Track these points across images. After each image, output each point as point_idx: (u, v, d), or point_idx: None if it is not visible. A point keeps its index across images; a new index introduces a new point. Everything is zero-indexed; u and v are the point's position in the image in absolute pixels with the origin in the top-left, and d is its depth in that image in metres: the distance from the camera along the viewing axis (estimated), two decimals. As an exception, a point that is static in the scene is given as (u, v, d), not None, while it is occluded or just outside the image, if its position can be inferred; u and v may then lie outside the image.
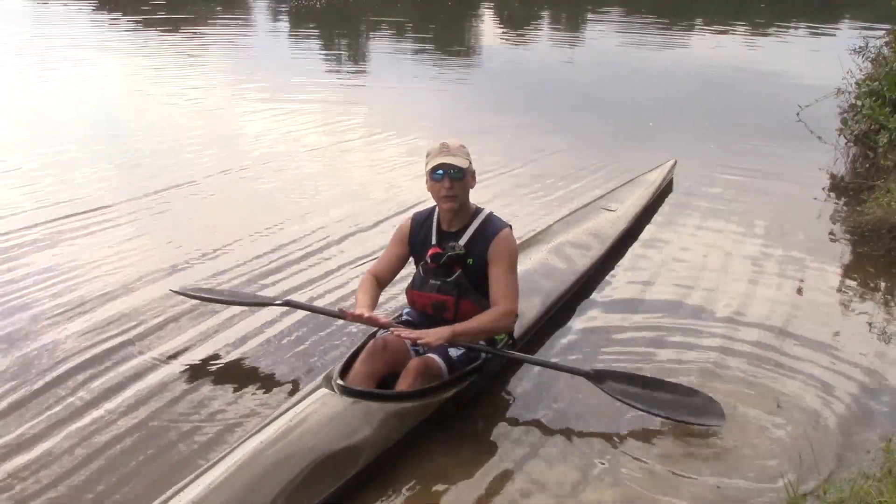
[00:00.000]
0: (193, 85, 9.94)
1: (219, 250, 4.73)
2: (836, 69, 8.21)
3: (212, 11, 18.48)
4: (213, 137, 7.48)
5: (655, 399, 3.04)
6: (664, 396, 3.06)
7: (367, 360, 2.97)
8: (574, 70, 12.38)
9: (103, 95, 9.42)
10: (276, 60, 12.29)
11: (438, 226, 3.18)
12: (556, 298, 3.86)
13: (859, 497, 2.48)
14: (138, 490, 2.69)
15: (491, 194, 5.64)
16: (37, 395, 3.21)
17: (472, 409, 3.16)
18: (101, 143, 7.16)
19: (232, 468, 2.48)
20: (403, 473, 2.79)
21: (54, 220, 5.14)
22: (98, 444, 2.92)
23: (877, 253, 4.86)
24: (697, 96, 9.92)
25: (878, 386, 3.40)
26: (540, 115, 8.61)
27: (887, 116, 6.53)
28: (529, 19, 18.87)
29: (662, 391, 3.09)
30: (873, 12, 16.57)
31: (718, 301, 4.19)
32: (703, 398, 3.09)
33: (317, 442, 2.62)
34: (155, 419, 3.08)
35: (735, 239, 5.06)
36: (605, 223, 4.72)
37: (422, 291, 3.14)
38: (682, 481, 2.79)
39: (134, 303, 4.04)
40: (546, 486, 2.77)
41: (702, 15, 18.66)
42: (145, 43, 13.46)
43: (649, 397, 3.04)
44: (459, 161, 3.01)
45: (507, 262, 3.09)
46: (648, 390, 3.07)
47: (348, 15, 18.64)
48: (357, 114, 8.56)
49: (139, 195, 5.67)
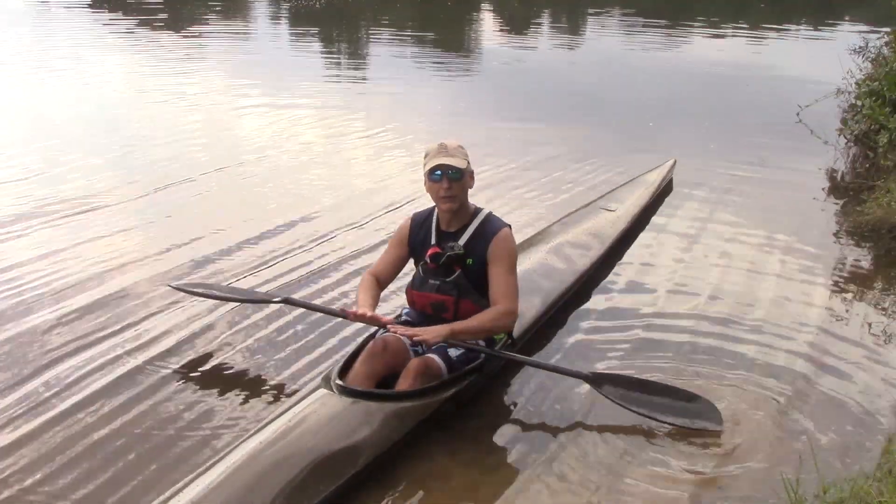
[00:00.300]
0: (192, 84, 9.93)
1: (217, 247, 4.74)
2: (836, 69, 8.22)
3: (211, 11, 18.44)
4: (211, 135, 7.48)
5: (654, 403, 3.05)
6: (663, 401, 3.07)
7: (367, 360, 2.97)
8: (574, 70, 12.37)
9: (102, 94, 9.40)
10: (275, 60, 12.27)
11: (438, 226, 3.18)
12: (555, 298, 3.86)
13: (859, 497, 2.48)
14: (136, 490, 2.68)
15: (490, 194, 5.64)
16: (32, 393, 3.21)
17: (471, 408, 3.15)
18: (99, 140, 7.15)
19: (231, 468, 2.48)
20: (403, 474, 2.79)
21: (51, 215, 5.16)
22: (94, 442, 2.92)
23: (877, 253, 4.86)
24: (697, 96, 9.90)
25: (877, 386, 3.40)
26: (539, 115, 8.59)
27: (887, 116, 6.53)
28: (529, 19, 18.85)
29: (661, 396, 3.10)
30: (873, 12, 16.59)
31: (718, 301, 4.18)
32: (702, 403, 3.10)
33: (316, 442, 2.62)
34: (151, 417, 3.08)
35: (735, 239, 5.05)
36: (604, 223, 4.71)
37: (421, 291, 3.14)
38: (682, 482, 2.78)
39: (131, 299, 4.04)
40: (545, 486, 2.76)
41: (702, 15, 18.63)
42: (145, 42, 13.42)
43: (648, 401, 3.06)
44: (457, 161, 3.01)
45: (506, 261, 3.10)
46: (647, 394, 3.08)
47: (348, 15, 18.63)
48: (355, 113, 8.54)
49: (137, 193, 5.67)
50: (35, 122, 7.96)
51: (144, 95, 9.23)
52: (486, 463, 2.89)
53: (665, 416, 3.03)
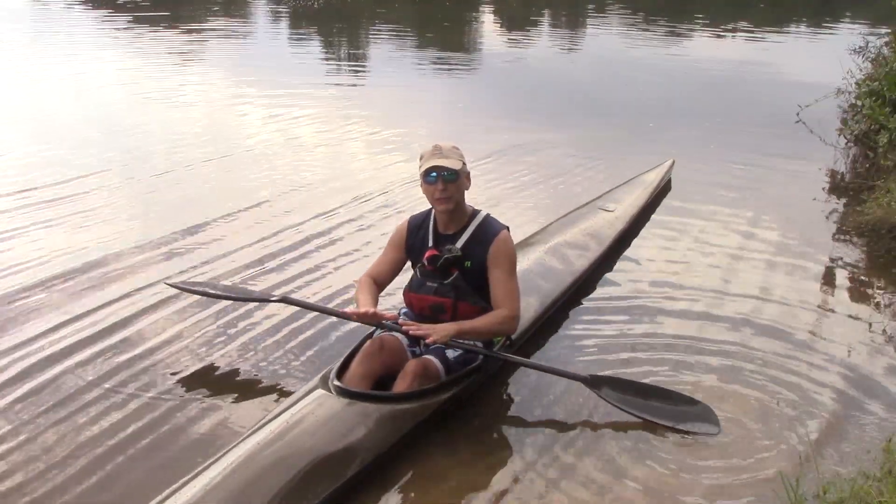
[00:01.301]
0: (190, 83, 9.96)
1: (215, 243, 4.77)
2: (836, 69, 8.21)
3: (210, 11, 18.44)
4: (209, 134, 7.48)
5: (651, 406, 3.05)
6: (660, 404, 3.07)
7: (364, 360, 2.96)
8: (573, 70, 12.36)
9: (100, 94, 9.40)
10: (274, 60, 12.26)
11: (435, 228, 3.17)
12: (553, 300, 3.85)
13: (859, 497, 2.47)
14: (132, 490, 2.67)
15: (489, 195, 5.63)
16: (26, 394, 3.19)
17: (470, 409, 3.14)
18: (97, 138, 7.14)
19: (228, 469, 2.47)
20: (402, 474, 2.78)
21: (46, 213, 5.18)
22: (90, 442, 2.91)
23: (877, 253, 4.84)
24: (697, 96, 9.90)
25: (878, 386, 3.39)
26: (537, 116, 8.58)
27: (887, 116, 6.52)
28: (528, 20, 18.85)
29: (659, 399, 3.10)
30: (873, 12, 16.58)
31: (717, 302, 4.17)
32: (700, 407, 3.09)
33: (313, 443, 2.61)
34: (147, 417, 3.06)
35: (734, 240, 5.04)
36: (602, 223, 4.70)
37: (419, 294, 3.13)
38: (682, 482, 2.77)
39: (126, 296, 4.04)
40: (543, 487, 2.75)
41: (702, 15, 18.63)
42: (144, 42, 13.42)
43: (645, 405, 3.06)
44: (452, 163, 3.01)
45: (507, 265, 3.10)
46: (644, 398, 3.09)
47: (346, 15, 18.64)
48: (354, 113, 8.50)
49: (135, 191, 5.69)
50: (32, 122, 7.95)
51: (143, 95, 9.21)
52: (485, 464, 2.88)
53: (662, 420, 3.03)
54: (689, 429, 3.01)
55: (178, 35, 14.25)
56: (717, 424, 3.03)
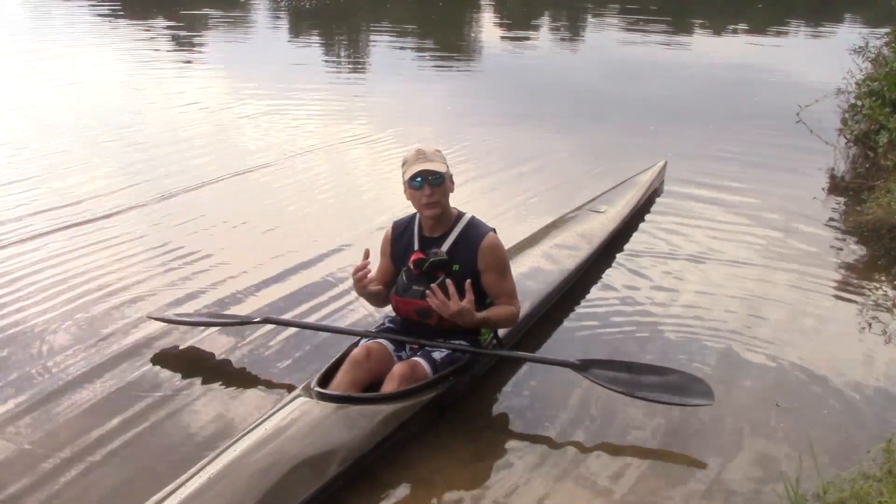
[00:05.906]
0: (190, 83, 9.99)
1: (210, 255, 4.64)
2: (836, 69, 8.19)
3: (209, 11, 18.49)
4: (207, 137, 7.44)
5: (643, 384, 3.01)
6: (651, 380, 3.03)
7: (350, 369, 2.93)
8: (572, 70, 12.34)
9: (100, 93, 9.40)
10: (273, 59, 12.28)
11: (420, 231, 3.14)
12: (543, 300, 3.81)
13: (859, 497, 2.46)
14: (115, 500, 2.63)
15: (482, 195, 5.61)
16: (21, 404, 3.14)
17: (461, 408, 3.11)
18: (92, 142, 7.08)
19: (212, 477, 2.43)
20: (392, 475, 2.75)
21: (48, 223, 5.08)
22: (75, 454, 2.85)
23: (877, 253, 4.80)
24: (696, 96, 9.89)
25: (878, 386, 3.35)
26: (535, 117, 8.55)
27: (887, 116, 6.47)
28: (528, 20, 18.88)
29: (647, 374, 3.07)
30: (873, 12, 16.57)
31: (714, 302, 4.12)
32: (689, 377, 3.06)
33: (296, 448, 2.57)
34: (131, 430, 2.99)
35: (732, 239, 4.99)
36: (594, 225, 4.66)
37: (405, 297, 3.08)
38: (681, 482, 2.73)
39: (119, 307, 3.97)
40: (539, 481, 2.73)
41: (701, 16, 18.67)
42: (143, 42, 13.44)
43: (637, 382, 3.01)
44: (437, 166, 2.98)
45: (500, 267, 3.09)
46: (633, 374, 3.05)
47: (339, 16, 18.69)
48: (353, 115, 8.49)
49: (132, 202, 5.54)
50: (31, 121, 7.89)
51: (141, 95, 9.23)
52: (477, 461, 2.85)
53: (656, 396, 2.97)
54: (681, 402, 2.97)
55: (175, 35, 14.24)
56: (710, 394, 2.98)
